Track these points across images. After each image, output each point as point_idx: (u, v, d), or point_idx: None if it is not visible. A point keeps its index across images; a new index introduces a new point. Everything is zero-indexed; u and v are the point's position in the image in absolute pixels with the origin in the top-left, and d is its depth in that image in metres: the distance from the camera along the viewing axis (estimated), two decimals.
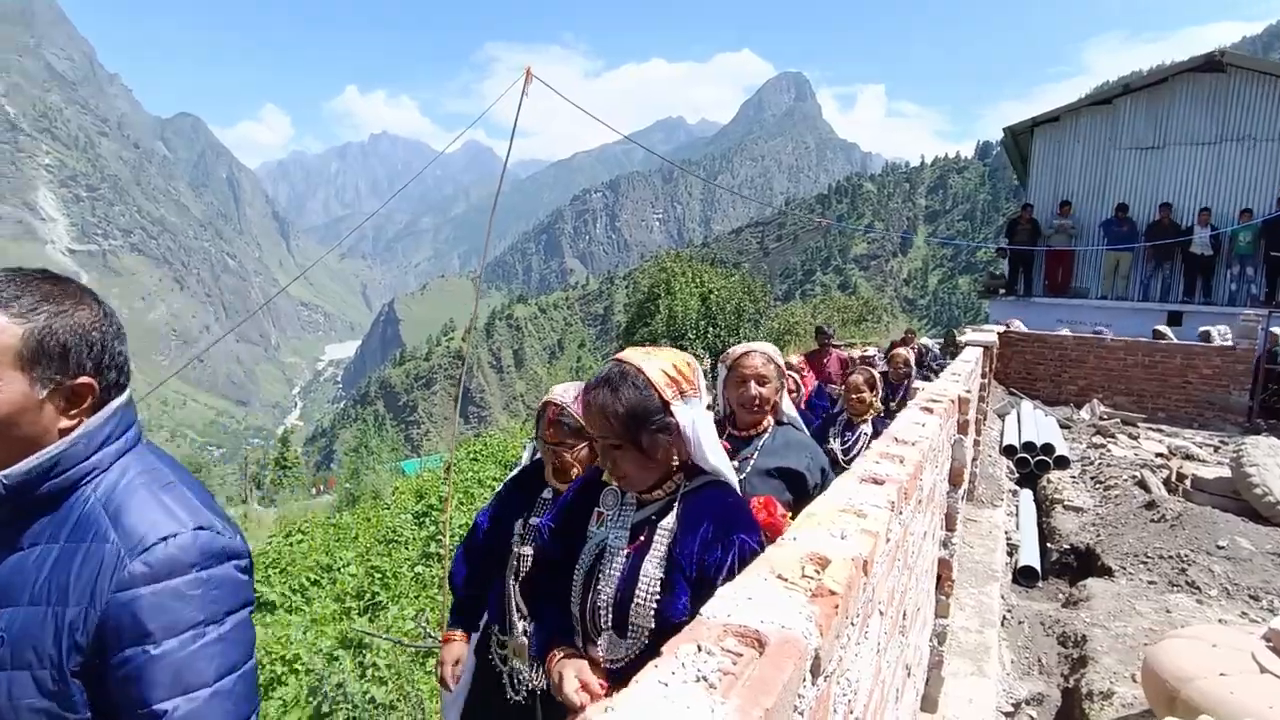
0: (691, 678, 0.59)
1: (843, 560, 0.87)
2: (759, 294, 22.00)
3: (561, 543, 1.61)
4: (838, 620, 0.77)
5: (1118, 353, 10.09)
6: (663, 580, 1.41)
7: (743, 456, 2.36)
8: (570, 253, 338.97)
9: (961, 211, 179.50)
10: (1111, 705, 3.07)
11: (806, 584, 0.81)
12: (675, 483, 1.49)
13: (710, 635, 0.67)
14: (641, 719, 0.53)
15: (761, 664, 0.63)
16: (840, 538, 0.95)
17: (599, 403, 1.41)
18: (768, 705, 0.56)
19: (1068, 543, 5.55)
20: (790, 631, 0.68)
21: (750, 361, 2.47)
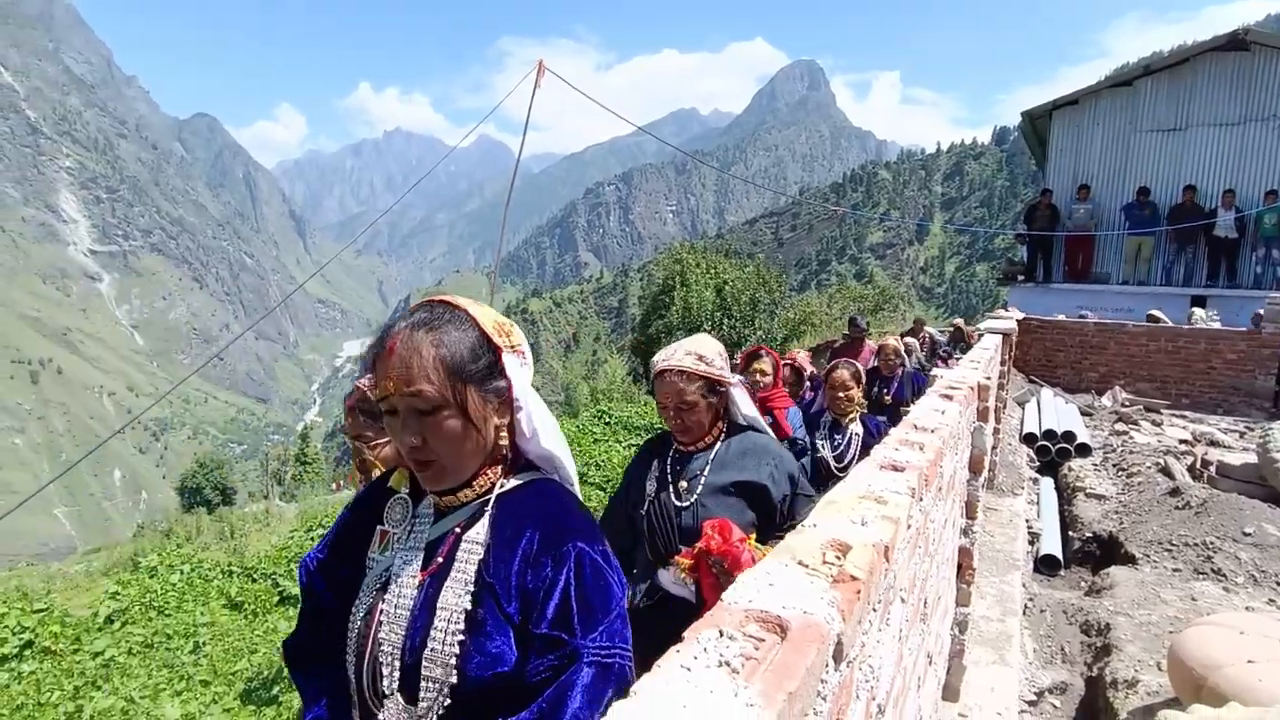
0: (714, 662, 0.59)
1: (864, 546, 0.87)
2: (774, 284, 21.86)
3: (333, 581, 1.18)
4: (860, 606, 0.77)
5: (1140, 338, 9.95)
6: (469, 614, 1.00)
7: (690, 475, 2.05)
8: (584, 246, 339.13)
9: (979, 198, 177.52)
10: (1136, 693, 3.04)
11: (828, 570, 0.81)
12: (491, 479, 1.10)
13: (732, 621, 0.67)
14: (665, 703, 0.53)
15: (784, 649, 0.63)
16: (861, 524, 0.95)
17: (407, 345, 1.02)
18: (791, 689, 0.56)
19: (1090, 531, 5.49)
20: (812, 617, 0.68)
21: (668, 378, 2.05)
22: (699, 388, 2.02)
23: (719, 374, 2.05)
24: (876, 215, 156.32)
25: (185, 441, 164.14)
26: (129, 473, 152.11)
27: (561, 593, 0.99)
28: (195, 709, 5.91)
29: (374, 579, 1.10)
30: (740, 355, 4.34)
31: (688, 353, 2.05)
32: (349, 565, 1.16)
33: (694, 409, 2.02)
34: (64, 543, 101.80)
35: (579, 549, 1.02)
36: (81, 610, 10.61)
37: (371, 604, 1.08)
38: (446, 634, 1.00)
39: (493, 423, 1.08)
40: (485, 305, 1.14)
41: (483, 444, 1.07)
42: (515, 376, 1.09)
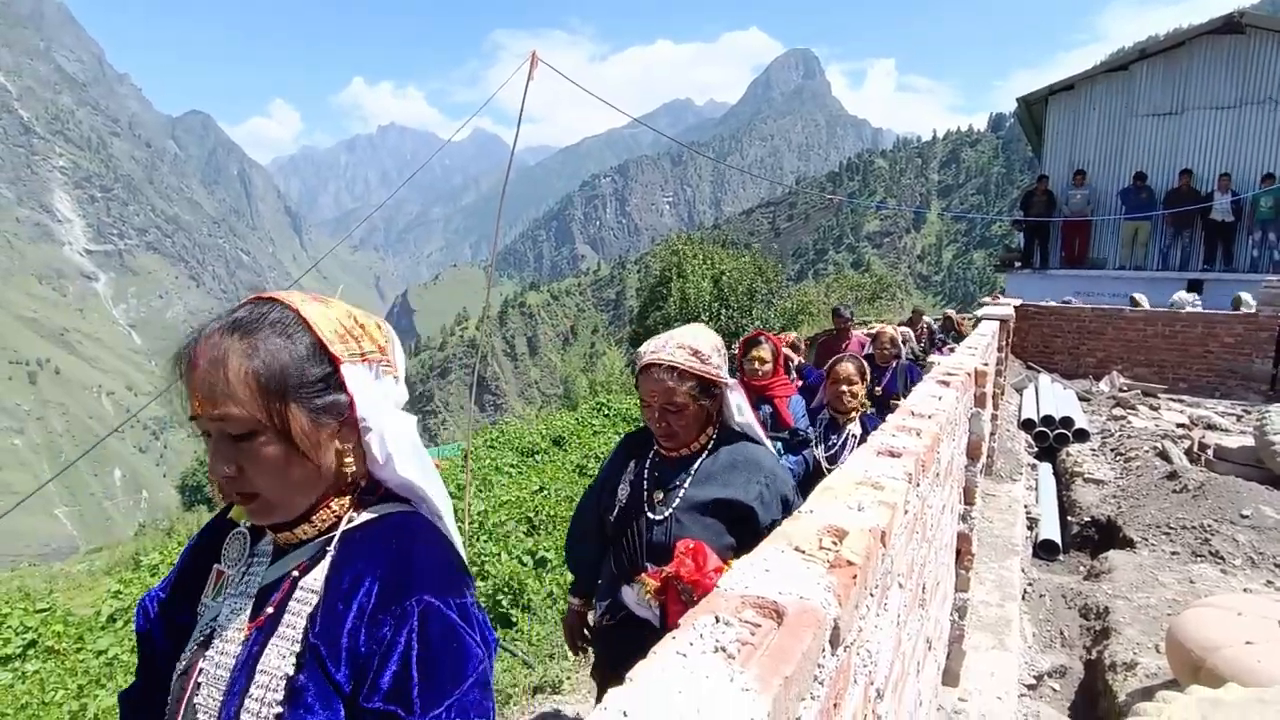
0: (710, 648, 0.59)
1: (860, 532, 0.87)
2: (771, 274, 21.85)
3: (171, 628, 0.99)
4: (856, 591, 0.77)
5: (1137, 323, 9.95)
6: (289, 680, 0.83)
7: (669, 484, 1.81)
8: (581, 239, 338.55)
9: (975, 185, 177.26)
10: (1135, 676, 3.06)
11: (824, 555, 0.81)
12: (336, 512, 0.93)
13: (728, 606, 0.67)
14: (661, 688, 0.53)
15: (780, 634, 0.63)
16: (858, 510, 0.95)
17: (213, 355, 0.85)
18: (787, 673, 0.56)
19: (1088, 515, 5.51)
20: (808, 602, 0.68)
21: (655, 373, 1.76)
22: (690, 388, 1.73)
23: (715, 373, 1.76)
24: (873, 203, 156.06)
25: (185, 440, 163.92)
26: (129, 472, 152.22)
27: (400, 659, 0.82)
28: None
29: (200, 630, 0.93)
30: (739, 343, 4.12)
31: (680, 346, 1.75)
32: (188, 609, 0.97)
33: (682, 412, 1.74)
34: (66, 543, 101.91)
35: (425, 604, 0.84)
36: (84, 609, 10.64)
37: (191, 661, 0.90)
38: (262, 704, 0.82)
39: (330, 447, 0.89)
40: (333, 302, 0.96)
41: (316, 473, 0.88)
42: (359, 390, 0.90)
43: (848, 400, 3.26)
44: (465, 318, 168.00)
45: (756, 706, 0.51)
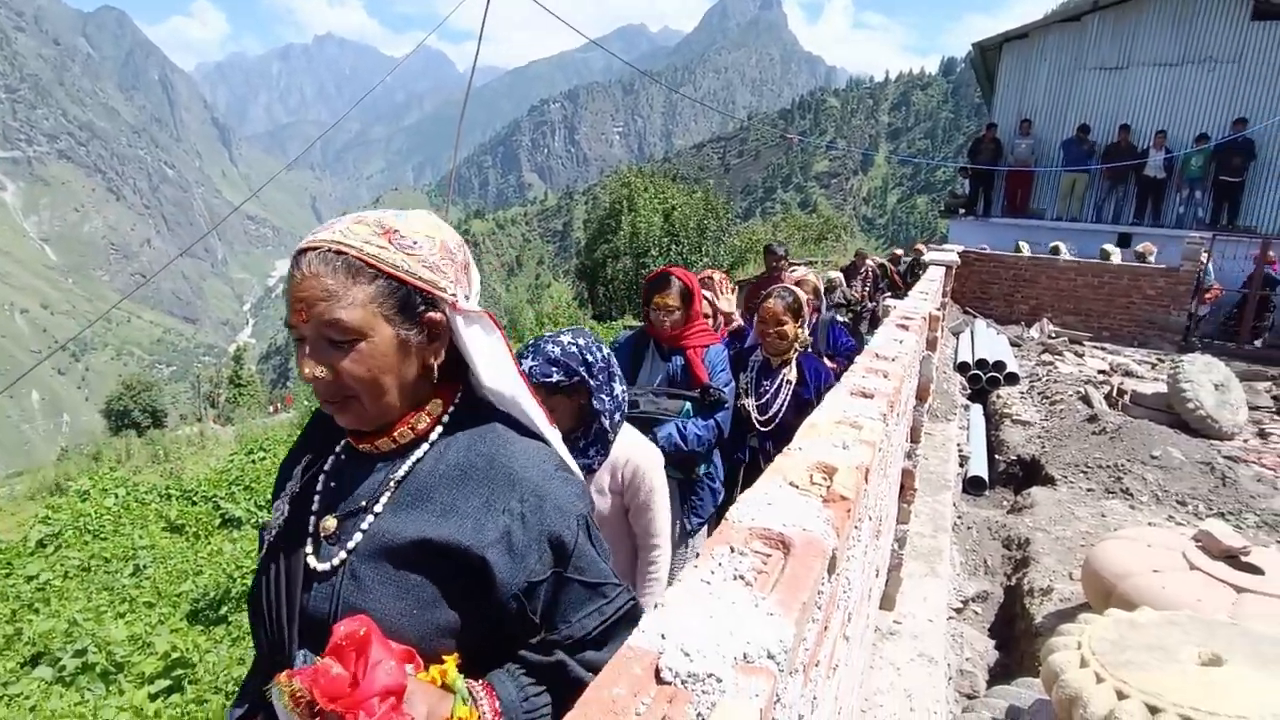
0: (730, 575, 0.63)
1: (848, 469, 0.92)
2: (721, 212, 21.81)
3: None
4: (849, 524, 0.82)
5: (1068, 273, 10.38)
6: None
7: (350, 510, 0.96)
8: (528, 166, 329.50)
9: (923, 129, 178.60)
10: (1050, 600, 3.33)
11: (817, 490, 0.86)
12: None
13: (738, 537, 0.71)
14: (692, 614, 0.57)
15: (792, 563, 0.67)
16: (843, 448, 1.00)
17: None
18: (805, 599, 0.61)
19: (1014, 454, 5.86)
20: (812, 534, 0.73)
21: (303, 268, 0.99)
22: (373, 298, 0.89)
23: (427, 280, 0.92)
24: (824, 143, 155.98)
25: (108, 363, 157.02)
26: (48, 394, 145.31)
27: None
28: (142, 629, 5.89)
29: None
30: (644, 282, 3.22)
31: (360, 222, 0.92)
32: None
33: (351, 352, 0.90)
34: None
35: None
36: (9, 535, 10.30)
37: None
38: None
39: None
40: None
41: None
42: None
43: (775, 343, 3.00)
44: None
45: (783, 628, 0.56)
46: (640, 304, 3.51)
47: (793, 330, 2.97)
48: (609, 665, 0.52)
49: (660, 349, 2.83)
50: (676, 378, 2.76)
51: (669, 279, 2.79)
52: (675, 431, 2.58)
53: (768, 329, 2.99)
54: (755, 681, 0.50)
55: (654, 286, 2.81)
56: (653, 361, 2.86)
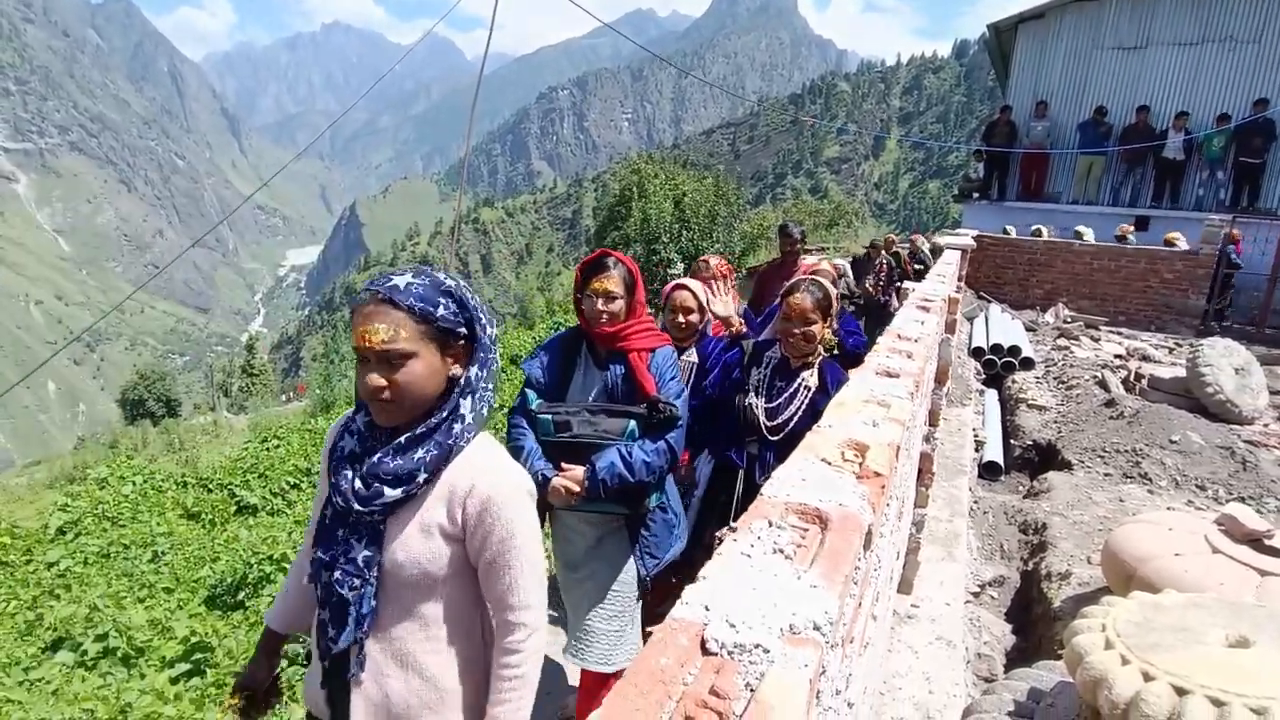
0: (769, 549, 0.63)
1: (880, 446, 0.91)
2: (732, 198, 21.70)
3: None
4: (884, 500, 0.81)
5: (1085, 257, 10.26)
6: None
7: None
8: (537, 154, 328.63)
9: (935, 113, 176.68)
10: (1069, 584, 3.31)
11: (850, 466, 0.85)
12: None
13: (775, 512, 0.70)
14: (735, 586, 0.56)
15: (831, 537, 0.66)
16: (873, 425, 0.99)
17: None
18: (846, 572, 0.60)
19: (1030, 439, 5.82)
20: (848, 509, 0.72)
21: None
22: None
23: None
24: (835, 128, 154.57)
25: (123, 353, 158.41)
26: (64, 385, 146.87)
27: None
28: (161, 614, 5.96)
29: None
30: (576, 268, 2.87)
31: None
32: None
33: None
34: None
35: None
36: (29, 522, 10.44)
37: None
38: None
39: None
40: None
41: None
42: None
43: (799, 344, 2.54)
44: (416, 233, 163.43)
45: (829, 601, 0.55)
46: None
47: (820, 330, 2.54)
48: (654, 637, 0.51)
49: (595, 353, 2.29)
50: (616, 390, 2.23)
51: (607, 260, 2.26)
52: (619, 460, 2.10)
53: (793, 328, 2.53)
54: (803, 652, 0.49)
55: (590, 269, 2.27)
56: (586, 369, 2.30)
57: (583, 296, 2.26)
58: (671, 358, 2.31)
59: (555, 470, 2.16)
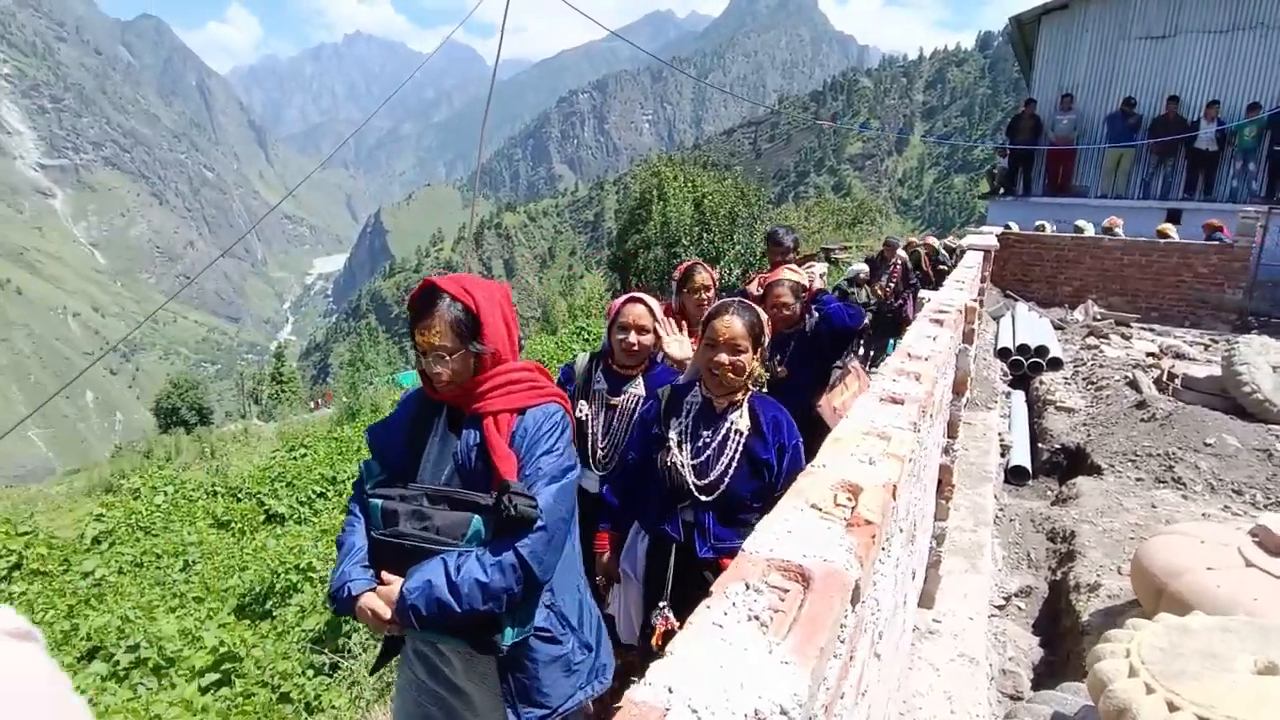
0: (744, 616, 0.60)
1: (874, 488, 0.88)
2: (753, 198, 21.57)
3: None
4: (874, 550, 0.78)
5: (1114, 252, 10.03)
6: None
7: None
8: (558, 158, 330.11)
9: (960, 107, 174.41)
10: (1098, 596, 3.22)
11: (841, 513, 0.82)
12: None
13: (755, 571, 0.67)
14: (702, 663, 0.54)
15: (810, 600, 0.64)
16: (869, 463, 0.96)
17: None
18: (822, 644, 0.57)
19: (1058, 442, 5.69)
20: (832, 565, 0.69)
21: None
22: None
23: None
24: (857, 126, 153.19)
25: (157, 362, 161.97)
26: (101, 394, 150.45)
27: None
28: (191, 624, 6.06)
29: None
30: None
31: None
32: None
33: None
34: (41, 464, 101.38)
35: None
36: (66, 531, 10.69)
37: None
38: None
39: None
40: None
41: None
42: None
43: (729, 376, 2.08)
44: (440, 239, 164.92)
45: (798, 680, 0.52)
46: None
47: (749, 362, 2.10)
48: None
49: (453, 414, 1.71)
50: (469, 466, 1.63)
51: (435, 302, 1.61)
52: (441, 579, 1.48)
53: (720, 356, 2.08)
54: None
55: (415, 313, 1.65)
56: (442, 435, 1.70)
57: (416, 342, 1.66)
58: (551, 421, 1.65)
59: (374, 580, 1.58)
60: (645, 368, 2.72)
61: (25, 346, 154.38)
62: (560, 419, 1.67)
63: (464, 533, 1.54)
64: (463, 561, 1.50)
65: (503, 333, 1.66)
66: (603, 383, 2.71)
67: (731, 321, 2.08)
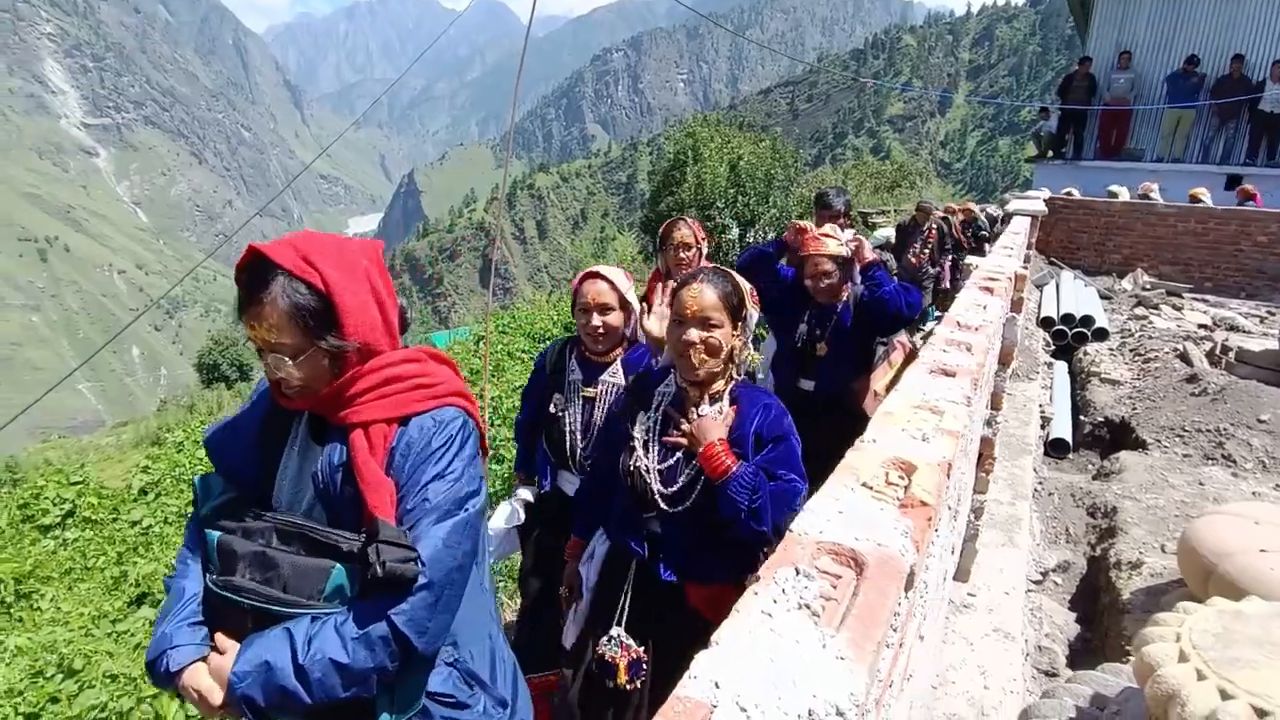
0: (794, 604, 0.56)
1: (929, 466, 0.83)
2: (789, 160, 21.09)
3: None
4: (929, 533, 0.74)
5: (1168, 219, 9.63)
6: None
7: None
8: (591, 118, 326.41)
9: (1008, 66, 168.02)
10: (1140, 575, 3.14)
11: (893, 492, 0.77)
12: None
13: (804, 555, 0.63)
14: (751, 656, 0.50)
15: (865, 588, 0.60)
16: (922, 440, 0.91)
17: None
18: (878, 638, 0.53)
19: (1102, 415, 5.53)
20: (887, 550, 0.65)
21: None
22: None
23: None
24: (898, 86, 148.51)
25: (198, 319, 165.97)
26: (147, 350, 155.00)
27: None
28: None
29: None
30: None
31: None
32: None
33: None
34: (92, 416, 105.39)
35: None
36: (115, 482, 11.10)
37: None
38: None
39: None
40: None
41: None
42: None
43: (703, 357, 1.72)
44: (473, 199, 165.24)
45: (855, 679, 0.48)
46: None
47: (727, 340, 1.74)
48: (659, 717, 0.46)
49: (314, 422, 1.30)
50: (335, 489, 1.23)
51: (259, 297, 1.18)
52: (285, 656, 1.10)
53: (683, 333, 1.73)
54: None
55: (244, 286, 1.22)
56: (301, 445, 1.30)
57: None
58: (446, 432, 1.24)
59: (207, 644, 1.20)
60: (625, 348, 2.38)
61: (74, 302, 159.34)
62: (460, 429, 1.25)
63: (321, 588, 1.13)
64: (316, 633, 1.10)
65: (373, 316, 1.22)
66: (577, 372, 2.40)
67: (701, 291, 1.72)
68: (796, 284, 3.11)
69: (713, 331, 1.70)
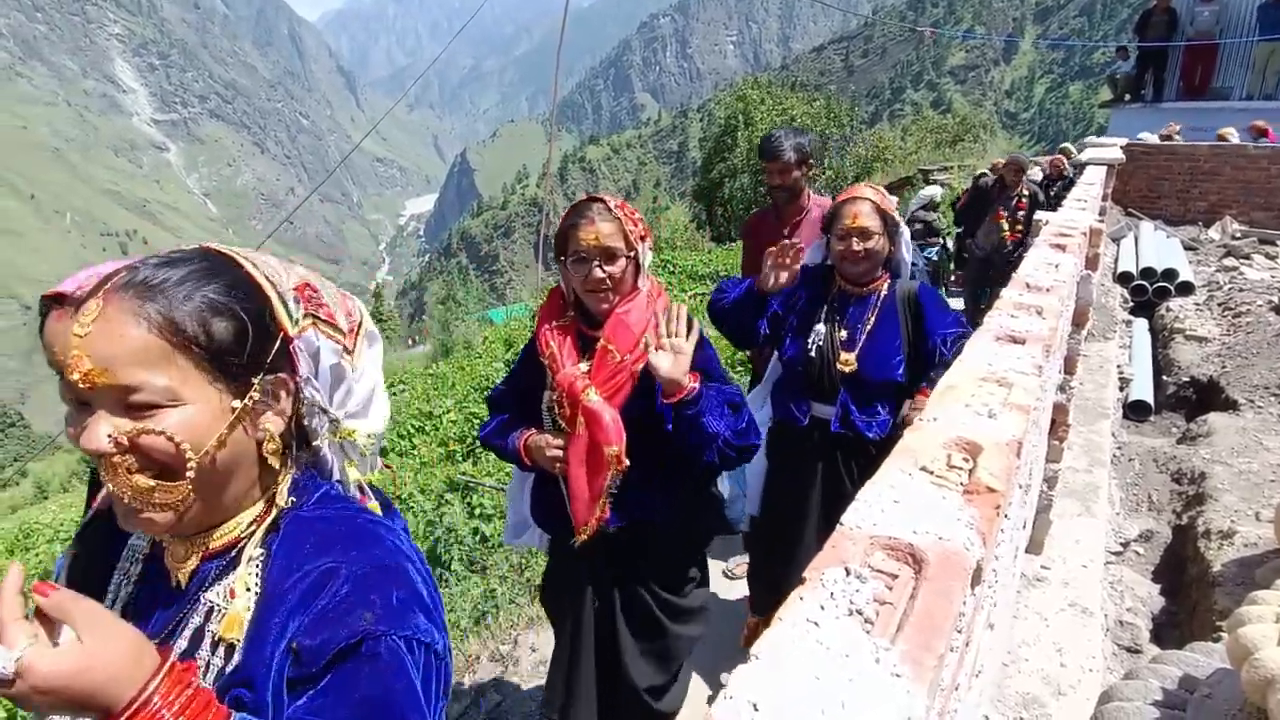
0: (844, 610, 0.51)
1: (995, 447, 0.75)
2: (845, 119, 20.41)
3: None
4: (997, 523, 0.67)
5: (1260, 162, 8.93)
6: None
7: None
8: (640, 86, 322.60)
9: (1078, 5, 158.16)
10: (1232, 545, 2.95)
11: (957, 477, 0.70)
12: None
13: (856, 552, 0.58)
14: (795, 672, 0.45)
15: (925, 590, 0.54)
16: (988, 416, 0.83)
17: None
18: (940, 650, 0.47)
19: (1187, 375, 5.21)
20: (949, 545, 0.58)
21: None
22: None
23: None
24: (960, 34, 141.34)
25: None
26: None
27: None
28: None
29: None
30: None
31: None
32: None
33: None
34: None
35: None
36: None
37: None
38: None
39: None
40: None
41: None
42: None
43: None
44: (525, 175, 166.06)
45: (913, 699, 0.42)
46: None
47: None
48: None
49: None
50: None
51: None
52: None
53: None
54: None
55: None
56: None
57: None
58: None
59: None
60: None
61: None
62: None
63: None
64: None
65: None
66: None
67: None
68: (814, 272, 2.31)
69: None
